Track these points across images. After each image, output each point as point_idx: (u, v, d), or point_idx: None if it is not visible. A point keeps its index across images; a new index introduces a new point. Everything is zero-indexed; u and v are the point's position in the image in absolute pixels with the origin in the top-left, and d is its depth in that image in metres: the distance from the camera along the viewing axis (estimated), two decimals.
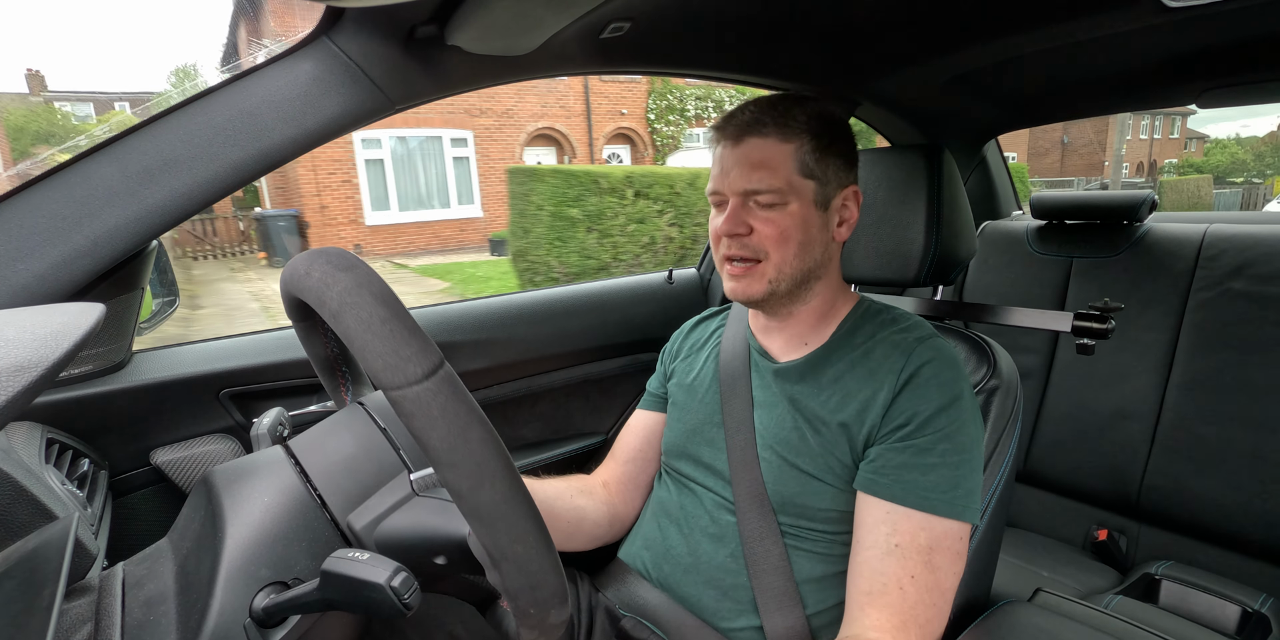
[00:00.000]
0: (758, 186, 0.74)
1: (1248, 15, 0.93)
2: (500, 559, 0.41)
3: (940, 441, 0.70)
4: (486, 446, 0.40)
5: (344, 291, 0.41)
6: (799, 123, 0.75)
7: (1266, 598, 1.14)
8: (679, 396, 0.91)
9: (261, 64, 0.76)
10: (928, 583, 0.67)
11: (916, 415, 0.70)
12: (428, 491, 0.52)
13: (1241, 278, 1.26)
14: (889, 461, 0.70)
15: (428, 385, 0.39)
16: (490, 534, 0.40)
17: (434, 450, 0.39)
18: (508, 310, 1.24)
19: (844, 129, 0.79)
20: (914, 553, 0.67)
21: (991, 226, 1.66)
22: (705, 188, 0.80)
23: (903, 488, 0.69)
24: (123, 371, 0.88)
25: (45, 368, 0.32)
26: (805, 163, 0.74)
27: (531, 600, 0.42)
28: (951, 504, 0.68)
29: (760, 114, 0.75)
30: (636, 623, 0.82)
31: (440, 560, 0.50)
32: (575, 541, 0.88)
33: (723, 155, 0.77)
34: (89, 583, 0.47)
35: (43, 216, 0.68)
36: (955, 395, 0.71)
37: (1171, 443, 1.30)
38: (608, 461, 0.98)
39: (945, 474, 0.69)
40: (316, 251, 0.46)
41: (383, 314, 0.40)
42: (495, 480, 0.40)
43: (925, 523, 0.68)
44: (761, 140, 0.75)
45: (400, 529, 0.50)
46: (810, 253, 0.76)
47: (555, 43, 0.84)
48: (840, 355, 0.78)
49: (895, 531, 0.68)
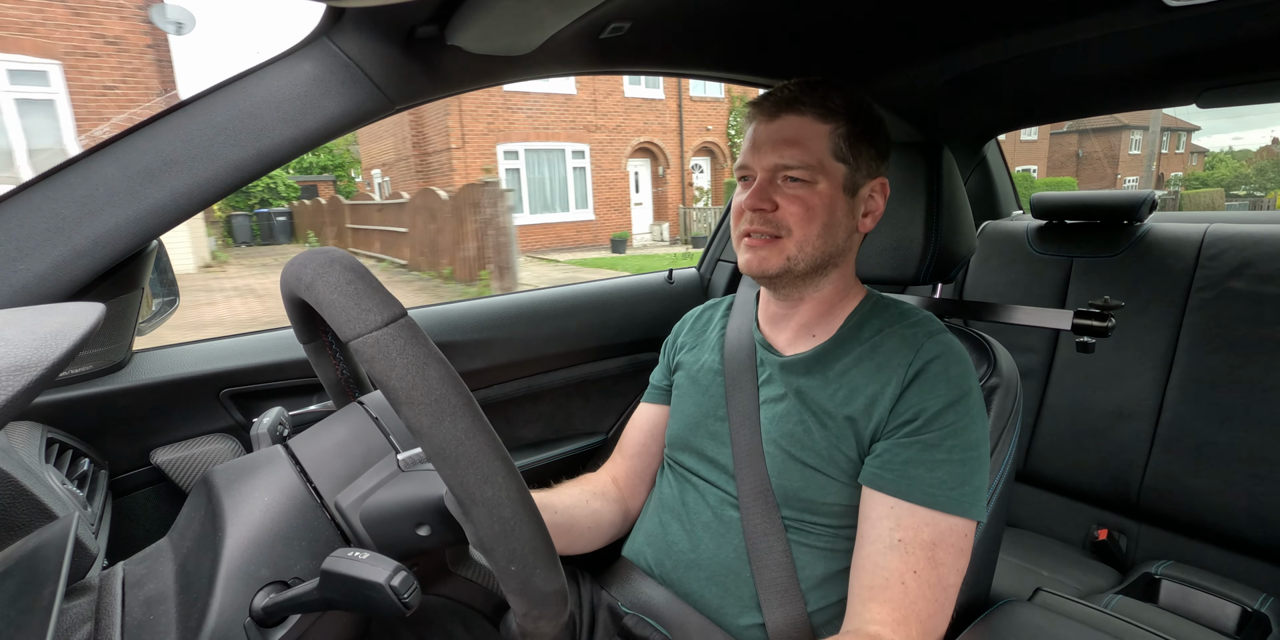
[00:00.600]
0: (789, 161, 0.73)
1: (1248, 15, 0.93)
2: (470, 504, 0.40)
3: (948, 438, 0.69)
4: (446, 383, 0.41)
5: (318, 266, 0.45)
6: (837, 105, 0.75)
7: (1266, 597, 1.14)
8: (682, 387, 0.90)
9: (261, 64, 0.76)
10: (930, 578, 0.66)
11: (924, 411, 0.70)
12: (413, 467, 0.52)
13: (1242, 277, 1.26)
14: (895, 457, 0.70)
15: (387, 330, 0.41)
16: (455, 473, 0.40)
17: (393, 390, 0.40)
18: (508, 310, 1.24)
19: (879, 120, 0.79)
20: (917, 548, 0.67)
21: (991, 226, 1.66)
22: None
23: (908, 483, 0.69)
24: (123, 371, 0.88)
25: (45, 368, 0.32)
26: (839, 146, 0.74)
27: (509, 553, 0.41)
28: (958, 501, 0.68)
29: (800, 93, 0.75)
30: (639, 620, 0.82)
31: (424, 531, 0.50)
32: (595, 544, 0.89)
33: (756, 131, 0.77)
34: (89, 582, 0.47)
35: (43, 216, 0.68)
36: (964, 391, 0.71)
37: (1171, 442, 1.30)
38: (615, 456, 0.98)
39: (952, 470, 0.68)
40: (305, 250, 0.48)
41: (349, 277, 0.43)
42: (456, 415, 0.40)
43: (930, 519, 0.67)
44: (798, 118, 0.74)
45: (383, 503, 0.50)
46: (833, 236, 0.76)
47: (555, 43, 0.84)
48: (848, 348, 0.78)
49: (899, 526, 0.68)
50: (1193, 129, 30.86)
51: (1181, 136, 31.21)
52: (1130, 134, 26.51)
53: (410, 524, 0.50)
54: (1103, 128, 26.05)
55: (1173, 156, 31.16)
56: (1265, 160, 35.98)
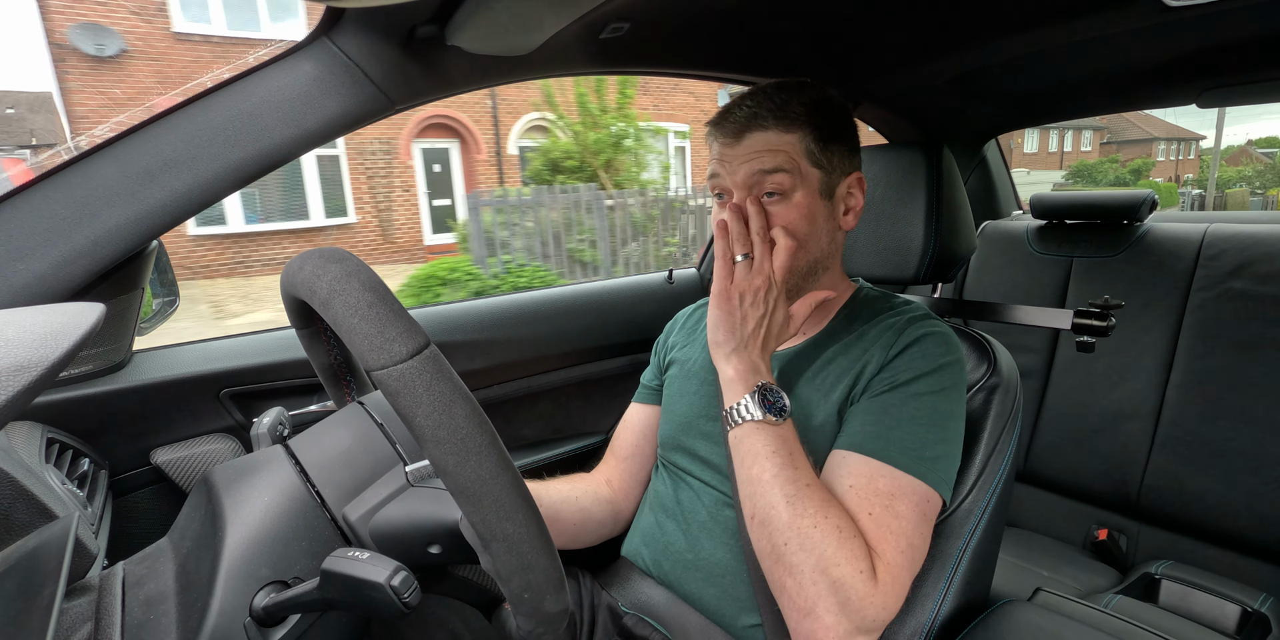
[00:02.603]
0: (762, 179, 0.73)
1: (1248, 15, 0.93)
2: (490, 538, 0.41)
3: (911, 400, 0.69)
4: (472, 422, 0.40)
5: (333, 280, 0.43)
6: (798, 113, 0.74)
7: (1266, 597, 1.14)
8: (674, 387, 0.90)
9: (261, 64, 0.76)
10: (889, 524, 0.63)
11: (896, 379, 0.70)
12: (422, 482, 0.52)
13: (1242, 277, 1.26)
14: (857, 417, 0.70)
15: (412, 364, 0.40)
16: (478, 511, 0.40)
17: (419, 427, 0.40)
18: (508, 310, 1.24)
19: (844, 115, 0.78)
20: (871, 495, 0.65)
21: (991, 226, 1.66)
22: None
23: (864, 437, 0.68)
24: (123, 371, 0.88)
25: (45, 368, 0.32)
26: (810, 150, 0.74)
27: (525, 583, 0.42)
28: (915, 463, 0.66)
29: (757, 107, 0.74)
30: (638, 620, 0.81)
31: (435, 549, 0.50)
32: (580, 542, 0.88)
33: (721, 152, 0.76)
34: (89, 582, 0.47)
35: (43, 216, 0.68)
36: (939, 365, 0.71)
37: (1171, 442, 1.30)
38: (608, 458, 0.98)
39: (913, 432, 0.67)
40: (311, 250, 0.47)
41: (369, 298, 0.42)
42: (481, 455, 0.40)
43: (885, 471, 0.66)
44: (763, 133, 0.73)
45: (394, 519, 0.50)
46: (817, 243, 0.76)
47: (555, 43, 0.84)
48: (835, 339, 0.79)
49: (850, 474, 0.66)
50: (1199, 137, 37.33)
51: (1193, 144, 37.92)
52: (1158, 144, 34.80)
53: (422, 542, 0.50)
54: (1137, 139, 34.30)
55: (1185, 161, 37.48)
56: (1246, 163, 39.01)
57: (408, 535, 0.50)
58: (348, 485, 0.52)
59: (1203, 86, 1.24)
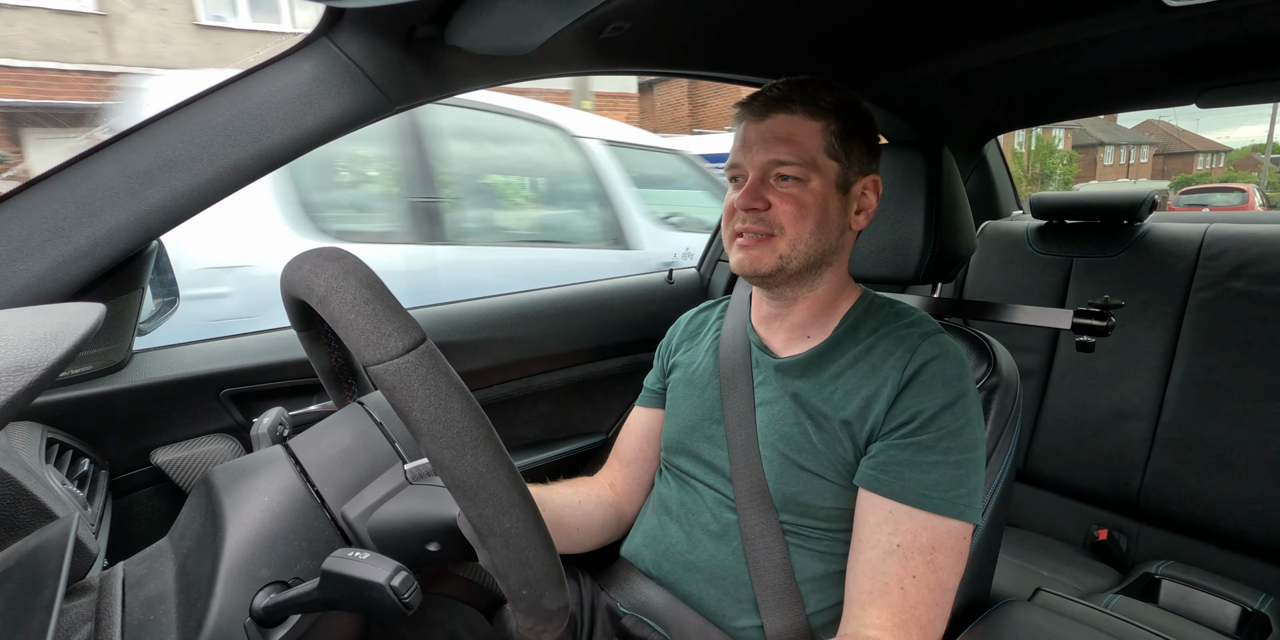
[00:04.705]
0: (782, 158, 0.73)
1: (1248, 15, 0.93)
2: (487, 533, 0.41)
3: (943, 439, 0.69)
4: (468, 416, 0.40)
5: (330, 277, 0.43)
6: (827, 103, 0.75)
7: (1266, 597, 1.14)
8: (678, 390, 0.90)
9: (261, 64, 0.76)
10: (930, 582, 0.66)
11: (920, 413, 0.70)
12: (421, 480, 0.52)
13: (1242, 277, 1.26)
14: (891, 458, 0.70)
15: (408, 358, 0.40)
16: (475, 506, 0.40)
17: (415, 421, 0.40)
18: (508, 310, 1.24)
19: (869, 117, 0.79)
20: (916, 552, 0.67)
21: (991, 226, 1.66)
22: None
23: (904, 485, 0.68)
24: (123, 371, 0.88)
25: (45, 368, 0.32)
26: (831, 143, 0.74)
27: (523, 579, 0.42)
28: (954, 503, 0.68)
29: (788, 91, 0.75)
30: (638, 621, 0.82)
31: (433, 547, 0.50)
32: (584, 546, 0.88)
33: (746, 130, 0.77)
34: (89, 582, 0.47)
35: (43, 216, 0.68)
36: (960, 393, 0.71)
37: (1171, 442, 1.30)
38: (611, 461, 0.98)
39: (947, 472, 0.68)
40: (310, 250, 0.47)
41: (366, 295, 0.42)
42: (477, 449, 0.40)
43: (928, 522, 0.67)
44: (789, 116, 0.75)
45: (392, 517, 0.50)
46: (826, 234, 0.76)
47: (555, 43, 0.84)
48: (844, 350, 0.78)
49: (897, 531, 0.68)
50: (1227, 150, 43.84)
51: (1221, 155, 44.46)
52: (1197, 156, 41.25)
53: (420, 540, 0.50)
54: (1181, 152, 40.48)
55: (1216, 169, 42.96)
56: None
57: (406, 533, 0.50)
58: (348, 485, 0.52)
59: (1202, 86, 1.25)
